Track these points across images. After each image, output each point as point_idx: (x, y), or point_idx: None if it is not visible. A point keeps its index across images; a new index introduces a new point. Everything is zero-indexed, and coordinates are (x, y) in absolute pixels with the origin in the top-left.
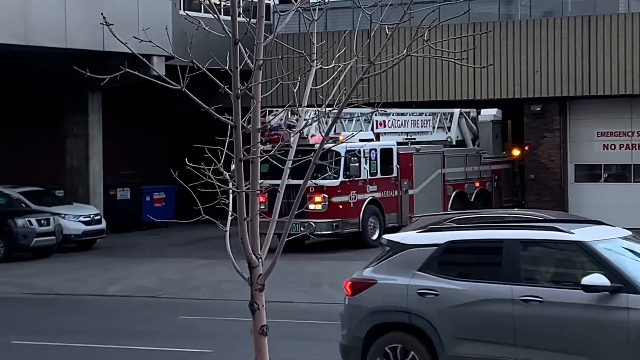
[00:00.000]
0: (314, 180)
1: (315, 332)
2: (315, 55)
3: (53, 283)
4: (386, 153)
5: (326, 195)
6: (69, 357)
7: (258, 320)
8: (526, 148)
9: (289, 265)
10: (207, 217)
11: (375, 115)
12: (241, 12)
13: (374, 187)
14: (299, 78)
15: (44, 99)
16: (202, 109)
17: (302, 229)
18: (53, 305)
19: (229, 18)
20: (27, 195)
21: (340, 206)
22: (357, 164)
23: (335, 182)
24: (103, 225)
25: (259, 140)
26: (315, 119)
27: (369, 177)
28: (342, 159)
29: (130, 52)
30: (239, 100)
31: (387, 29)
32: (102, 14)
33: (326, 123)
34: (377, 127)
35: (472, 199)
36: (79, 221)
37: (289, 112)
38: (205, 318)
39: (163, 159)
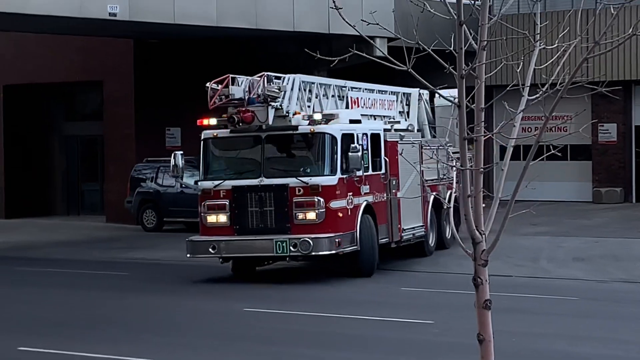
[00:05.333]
0: (301, 178)
1: (534, 305)
2: (539, 35)
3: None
4: (376, 140)
5: (321, 199)
6: (296, 325)
7: (481, 294)
8: None
9: (506, 240)
10: (434, 194)
11: (350, 90)
12: None
13: (367, 187)
14: (522, 58)
15: None
16: (427, 89)
17: (291, 248)
18: (286, 273)
19: (453, 0)
20: None
21: (340, 214)
22: (359, 153)
23: (332, 180)
24: None
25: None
26: None
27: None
28: (339, 146)
29: (354, 34)
30: (464, 80)
31: (612, 9)
32: None
33: (309, 100)
34: (351, 106)
35: (445, 207)
36: None
37: (265, 79)
38: (425, 290)
39: None
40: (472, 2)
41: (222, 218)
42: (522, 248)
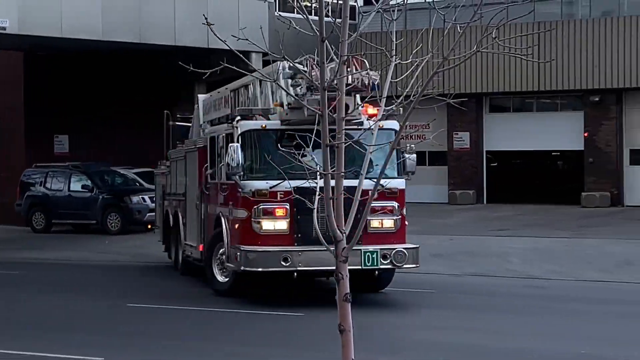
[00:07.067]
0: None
1: (397, 298)
2: (394, 51)
3: (165, 253)
4: None
5: (397, 205)
6: (178, 319)
7: (342, 288)
8: (585, 135)
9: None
10: (297, 196)
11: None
12: (329, 12)
13: None
14: (380, 72)
15: (157, 90)
16: (294, 97)
17: (382, 260)
18: (166, 272)
19: (317, 18)
20: (140, 176)
21: (407, 223)
22: (414, 154)
23: (403, 183)
24: None
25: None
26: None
27: None
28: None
29: (232, 48)
30: (326, 91)
31: (459, 28)
32: (204, 15)
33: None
34: None
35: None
36: None
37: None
38: (299, 284)
39: None
40: (334, 20)
41: (282, 225)
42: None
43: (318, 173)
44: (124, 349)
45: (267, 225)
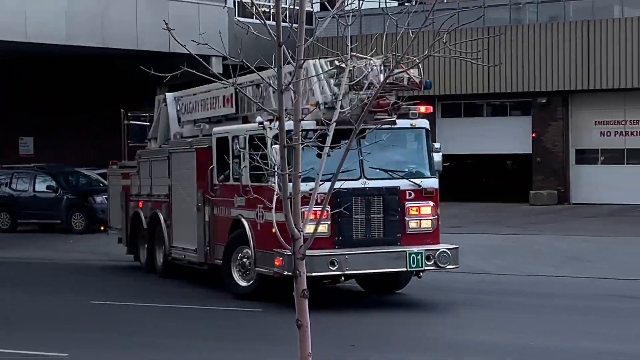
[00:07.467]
0: (413, 180)
1: (353, 296)
2: (349, 55)
3: (128, 254)
4: None
5: (433, 204)
6: (140, 315)
7: (300, 284)
8: (533, 135)
9: None
10: (256, 196)
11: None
12: (286, 18)
13: None
14: (336, 75)
15: (121, 92)
16: (255, 102)
17: (426, 262)
18: (139, 273)
19: (275, 23)
20: (104, 176)
21: (440, 222)
22: (440, 153)
23: (436, 182)
24: None
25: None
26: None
27: None
28: (427, 143)
29: (192, 52)
30: (283, 95)
31: (411, 33)
32: (164, 20)
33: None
34: None
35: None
36: None
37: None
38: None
39: None
40: (291, 25)
41: (323, 227)
42: None
43: (276, 173)
44: (124, 348)
45: (308, 228)
